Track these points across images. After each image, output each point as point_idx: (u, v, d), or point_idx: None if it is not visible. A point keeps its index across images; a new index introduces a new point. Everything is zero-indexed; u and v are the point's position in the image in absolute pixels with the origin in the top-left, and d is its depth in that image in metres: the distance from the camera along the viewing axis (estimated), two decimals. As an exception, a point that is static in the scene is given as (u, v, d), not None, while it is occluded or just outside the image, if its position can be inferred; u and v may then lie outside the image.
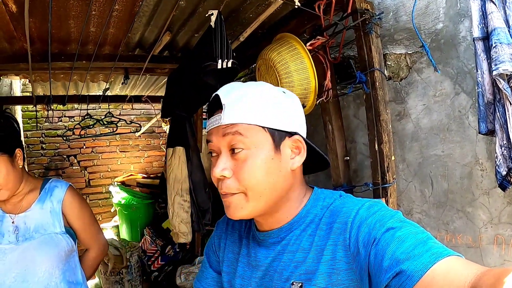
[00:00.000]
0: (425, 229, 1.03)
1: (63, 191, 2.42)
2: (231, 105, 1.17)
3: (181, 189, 3.67)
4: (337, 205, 1.22)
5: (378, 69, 2.41)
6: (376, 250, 1.00)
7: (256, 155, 1.16)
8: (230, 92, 1.20)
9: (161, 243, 5.69)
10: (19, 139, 2.38)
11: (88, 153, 7.24)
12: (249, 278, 1.34)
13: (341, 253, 1.11)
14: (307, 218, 1.24)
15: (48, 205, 2.35)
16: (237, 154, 1.16)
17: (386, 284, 0.94)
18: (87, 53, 3.60)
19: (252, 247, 1.38)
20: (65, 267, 2.35)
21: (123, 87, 5.36)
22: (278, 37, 2.74)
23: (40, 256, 2.24)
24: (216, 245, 1.57)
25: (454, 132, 2.67)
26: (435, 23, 2.69)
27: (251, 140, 1.16)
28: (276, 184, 1.19)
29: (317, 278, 1.13)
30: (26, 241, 2.25)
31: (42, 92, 5.30)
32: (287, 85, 2.51)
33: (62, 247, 2.31)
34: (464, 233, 2.67)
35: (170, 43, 3.55)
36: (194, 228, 3.78)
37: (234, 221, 1.53)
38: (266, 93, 1.22)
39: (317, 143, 3.63)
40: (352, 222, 1.11)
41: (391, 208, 1.14)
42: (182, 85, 3.41)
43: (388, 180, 2.40)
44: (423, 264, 0.89)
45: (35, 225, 2.30)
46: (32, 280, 2.23)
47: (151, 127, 7.43)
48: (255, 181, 1.16)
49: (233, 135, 1.16)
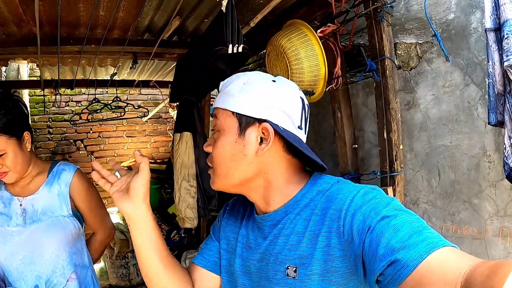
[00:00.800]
0: (421, 218, 1.03)
1: (71, 174, 2.42)
2: (221, 91, 1.31)
3: (188, 174, 3.68)
4: (333, 191, 1.22)
5: (389, 58, 2.40)
6: (370, 238, 1.00)
7: (223, 137, 1.26)
8: (227, 80, 1.32)
9: (166, 228, 5.71)
10: (27, 122, 2.38)
11: (94, 138, 7.26)
12: (248, 260, 1.36)
13: (335, 240, 1.11)
14: (302, 202, 1.26)
15: (56, 188, 2.36)
16: (214, 134, 1.30)
17: (381, 272, 0.95)
18: (95, 37, 3.59)
19: (251, 229, 1.40)
20: (72, 250, 2.36)
21: (131, 72, 5.35)
22: (289, 23, 2.73)
23: (47, 238, 2.25)
24: (220, 221, 1.59)
25: (462, 123, 2.66)
26: (446, 13, 2.68)
27: (221, 123, 1.27)
28: (239, 166, 1.25)
29: (312, 264, 1.14)
30: (34, 224, 2.26)
31: (49, 76, 5.30)
32: (297, 71, 2.51)
33: (69, 230, 2.32)
34: (469, 225, 2.67)
35: (179, 28, 3.53)
36: (200, 214, 3.79)
37: (239, 203, 1.56)
38: (247, 81, 1.26)
39: (325, 131, 3.67)
40: (346, 210, 1.11)
41: (397, 197, 1.15)
42: (191, 70, 3.39)
43: (396, 169, 2.40)
44: (419, 254, 0.89)
45: (42, 207, 2.31)
46: (39, 262, 2.24)
47: (158, 112, 7.43)
48: (220, 160, 1.28)
49: (215, 119, 1.29)
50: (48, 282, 2.26)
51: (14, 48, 3.56)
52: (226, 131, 1.25)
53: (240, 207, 1.54)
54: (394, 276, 0.91)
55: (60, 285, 2.29)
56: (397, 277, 0.90)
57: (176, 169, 3.73)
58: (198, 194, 3.74)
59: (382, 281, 0.96)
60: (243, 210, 1.52)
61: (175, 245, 5.48)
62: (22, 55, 3.83)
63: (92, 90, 5.41)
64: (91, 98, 5.73)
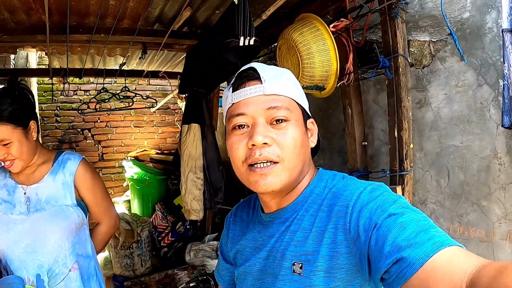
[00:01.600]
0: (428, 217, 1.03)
1: (76, 164, 2.42)
2: (271, 79, 1.23)
3: (195, 166, 3.67)
4: (340, 187, 1.23)
5: (402, 55, 2.38)
6: (377, 236, 1.00)
7: (296, 127, 1.22)
8: (266, 69, 1.27)
9: (172, 219, 5.72)
10: (33, 111, 2.39)
11: (102, 127, 7.26)
12: (254, 260, 1.37)
13: (341, 237, 1.12)
14: (309, 198, 1.27)
15: (60, 177, 2.36)
16: (280, 124, 1.20)
17: (386, 270, 0.94)
18: (105, 27, 3.58)
19: (257, 231, 1.41)
20: (75, 239, 2.37)
21: (140, 63, 5.34)
22: (301, 17, 2.71)
23: (50, 227, 2.27)
24: (226, 236, 1.61)
25: (474, 124, 2.63)
26: (461, 12, 2.64)
27: (293, 113, 1.23)
28: (304, 157, 1.25)
29: (318, 260, 1.14)
30: (37, 212, 2.27)
31: (58, 65, 5.29)
32: (308, 66, 2.49)
33: (72, 220, 2.33)
34: (477, 227, 2.65)
35: (189, 19, 3.52)
36: (206, 206, 3.79)
37: (241, 211, 1.57)
38: (293, 77, 1.31)
39: (334, 127, 3.64)
40: (353, 206, 1.12)
41: (405, 196, 1.14)
42: (201, 61, 3.39)
43: (406, 168, 2.38)
44: (425, 253, 0.88)
45: (46, 196, 2.31)
46: (41, 251, 2.25)
47: (166, 103, 7.44)
48: (296, 151, 1.21)
49: (278, 109, 1.19)
50: (50, 272, 2.27)
51: (23, 36, 3.55)
52: (298, 121, 1.23)
53: (242, 214, 1.56)
54: (400, 274, 0.90)
55: (62, 274, 2.30)
56: (403, 276, 0.90)
57: (183, 160, 3.72)
58: (204, 186, 3.74)
59: (387, 279, 0.95)
60: (246, 216, 1.53)
61: (180, 236, 5.50)
62: (31, 43, 3.82)
63: (101, 80, 5.40)
64: (99, 87, 5.73)
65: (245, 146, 1.20)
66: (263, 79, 1.21)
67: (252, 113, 1.21)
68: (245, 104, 1.22)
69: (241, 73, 1.27)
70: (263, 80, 1.21)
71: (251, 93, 1.21)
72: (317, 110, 3.87)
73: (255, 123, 1.20)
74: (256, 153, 1.18)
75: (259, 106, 1.20)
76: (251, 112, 1.21)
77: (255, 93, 1.21)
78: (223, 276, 1.64)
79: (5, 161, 2.22)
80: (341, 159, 3.54)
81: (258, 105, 1.20)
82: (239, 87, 1.25)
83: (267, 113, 1.19)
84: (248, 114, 1.21)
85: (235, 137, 1.24)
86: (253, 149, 1.18)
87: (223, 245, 1.63)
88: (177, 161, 4.22)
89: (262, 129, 1.18)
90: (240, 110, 1.23)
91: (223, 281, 1.64)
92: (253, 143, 1.17)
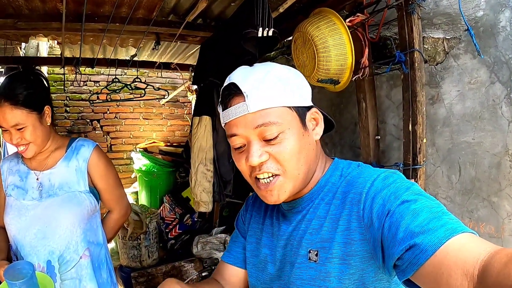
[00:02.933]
0: (440, 203, 1.04)
1: (90, 150, 2.43)
2: (253, 91, 1.17)
3: (205, 158, 3.69)
4: (354, 175, 1.24)
5: (418, 50, 2.39)
6: (390, 222, 1.01)
7: (290, 135, 1.19)
8: (246, 78, 1.20)
9: (180, 211, 5.72)
10: (48, 96, 2.40)
11: (111, 119, 7.29)
12: (274, 248, 1.38)
13: (355, 224, 1.13)
14: (325, 187, 1.28)
15: (74, 163, 2.37)
16: (273, 140, 1.18)
17: (399, 256, 0.95)
18: (120, 16, 3.59)
19: (276, 218, 1.42)
20: (87, 226, 2.38)
21: (151, 54, 5.36)
22: (317, 11, 2.71)
23: (62, 213, 2.27)
24: (243, 216, 1.62)
25: (486, 121, 2.64)
26: (475, 10, 2.65)
27: (283, 122, 1.18)
28: (307, 158, 1.23)
29: (333, 247, 1.16)
30: (50, 198, 2.28)
31: (70, 55, 5.30)
32: (324, 59, 2.50)
33: (85, 206, 2.34)
34: (487, 223, 2.65)
35: (205, 11, 3.52)
36: (215, 199, 3.80)
37: None
38: (280, 74, 1.23)
39: (346, 121, 3.66)
40: (366, 193, 1.13)
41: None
42: (218, 52, 3.40)
43: (419, 162, 2.40)
44: (438, 239, 0.90)
45: (59, 182, 2.32)
46: (52, 237, 2.26)
47: (176, 96, 7.45)
48: (294, 159, 1.19)
49: (266, 126, 1.16)
50: (61, 258, 2.28)
51: (38, 23, 3.56)
52: (292, 128, 1.19)
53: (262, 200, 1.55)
54: (413, 260, 0.92)
55: (73, 261, 2.30)
56: (416, 262, 0.91)
57: (194, 152, 3.74)
58: (214, 178, 3.75)
59: (400, 265, 0.97)
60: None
61: (187, 228, 5.51)
62: (44, 30, 3.83)
63: (111, 71, 5.42)
64: (110, 79, 5.75)
65: (246, 163, 1.22)
66: (245, 94, 1.17)
67: (242, 133, 1.20)
68: (234, 125, 1.21)
69: (224, 91, 1.25)
70: (246, 96, 1.17)
71: (236, 113, 1.19)
72: (329, 105, 3.88)
73: (249, 142, 1.20)
74: (256, 169, 1.20)
75: (248, 126, 1.18)
76: (242, 132, 1.20)
77: (240, 112, 1.18)
78: (233, 251, 1.61)
79: (19, 146, 2.23)
80: (352, 153, 3.55)
81: (246, 124, 1.18)
82: (226, 106, 1.23)
83: (257, 131, 1.17)
84: (240, 135, 1.20)
85: (237, 155, 1.27)
86: (253, 167, 1.21)
87: (240, 224, 1.64)
88: (186, 153, 4.24)
89: (255, 149, 1.18)
90: (232, 131, 1.22)
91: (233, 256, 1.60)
92: (249, 164, 1.19)
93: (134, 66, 5.41)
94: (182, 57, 5.49)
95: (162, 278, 4.34)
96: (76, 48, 4.65)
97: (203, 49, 4.02)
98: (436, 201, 1.04)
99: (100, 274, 2.43)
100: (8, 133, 2.21)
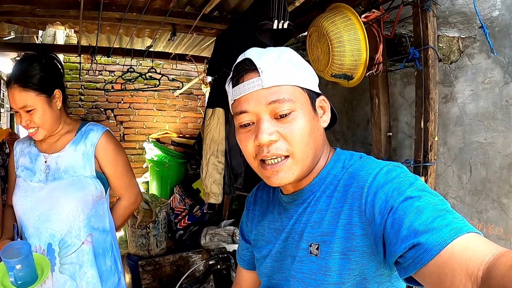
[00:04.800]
0: (445, 200, 1.02)
1: (98, 135, 2.43)
2: (268, 67, 1.17)
3: (217, 150, 3.70)
4: (356, 167, 1.21)
5: (432, 47, 2.39)
6: (393, 219, 0.99)
7: (302, 115, 1.17)
8: (261, 55, 1.20)
9: (190, 202, 5.75)
10: (59, 80, 2.42)
11: (125, 108, 7.33)
12: (275, 242, 1.38)
13: (357, 218, 1.11)
14: (327, 179, 1.26)
15: (81, 147, 2.38)
16: (285, 117, 1.16)
17: (401, 254, 0.94)
18: (137, 6, 3.62)
19: (277, 212, 1.41)
20: (91, 212, 2.37)
21: (167, 45, 5.37)
22: (333, 6, 2.72)
23: (65, 197, 2.27)
24: (246, 217, 1.62)
25: (499, 121, 2.63)
26: (491, 10, 2.64)
27: (296, 101, 1.17)
28: (316, 142, 1.22)
29: (334, 241, 1.14)
30: (54, 181, 2.30)
31: (86, 43, 5.35)
32: (338, 54, 2.50)
33: (89, 191, 2.33)
34: (496, 224, 2.65)
35: (221, 3, 3.53)
36: (225, 191, 3.81)
37: (262, 191, 1.57)
38: (294, 56, 1.24)
39: (359, 117, 3.66)
40: (369, 188, 1.11)
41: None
42: (233, 43, 3.40)
43: (430, 159, 2.40)
44: (443, 239, 0.88)
45: (65, 166, 2.33)
46: (54, 220, 2.26)
47: (190, 88, 7.47)
48: (305, 141, 1.17)
49: (279, 103, 1.15)
50: (61, 242, 2.28)
51: (55, 10, 3.59)
52: (304, 109, 1.18)
53: (262, 195, 1.56)
54: (416, 259, 0.90)
55: (74, 246, 2.29)
56: (419, 261, 0.90)
57: (206, 144, 3.75)
58: (225, 171, 3.76)
59: (402, 263, 0.95)
60: (266, 196, 1.54)
61: (196, 220, 5.54)
62: (62, 18, 3.86)
63: (127, 61, 5.45)
64: (125, 69, 5.78)
65: (253, 143, 1.19)
66: (260, 70, 1.16)
67: (254, 109, 1.18)
68: (245, 100, 1.19)
69: (237, 66, 1.23)
70: (260, 72, 1.16)
71: (249, 88, 1.18)
72: (342, 101, 3.88)
73: (259, 119, 1.17)
74: (264, 150, 1.17)
75: (260, 101, 1.16)
76: (253, 108, 1.18)
77: (254, 87, 1.17)
78: (243, 256, 1.65)
79: (28, 128, 2.27)
80: (364, 150, 3.55)
81: (259, 100, 1.17)
82: (238, 81, 1.21)
83: (270, 108, 1.16)
84: (251, 111, 1.18)
85: (243, 134, 1.23)
86: (261, 147, 1.17)
87: (243, 225, 1.64)
88: (198, 144, 4.25)
89: (266, 126, 1.15)
90: (242, 107, 1.20)
91: (243, 260, 1.65)
92: (259, 142, 1.16)
93: (149, 57, 5.43)
94: (197, 49, 5.50)
95: (169, 268, 4.37)
96: (92, 37, 4.68)
97: (218, 40, 4.03)
98: (440, 197, 1.02)
99: (104, 261, 2.41)
100: (18, 115, 2.25)
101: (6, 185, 2.67)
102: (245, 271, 1.65)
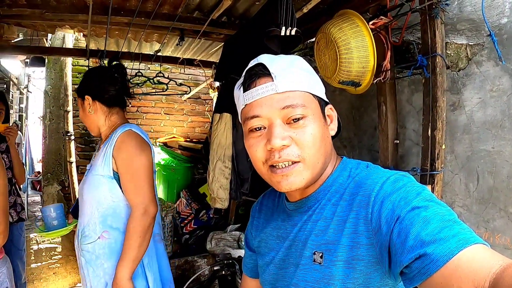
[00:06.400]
0: (452, 210, 1.01)
1: (118, 134, 2.48)
2: (282, 73, 1.18)
3: (224, 155, 3.70)
4: (363, 176, 1.21)
5: (440, 55, 2.38)
6: (399, 229, 0.98)
7: (314, 122, 1.18)
8: (274, 61, 1.21)
9: (196, 206, 5.75)
10: (89, 87, 2.64)
11: (133, 112, 7.32)
12: (278, 250, 1.37)
13: (362, 227, 1.10)
14: (332, 188, 1.25)
15: (106, 147, 2.48)
16: (297, 122, 1.16)
17: (407, 264, 0.93)
18: (145, 11, 3.64)
19: (281, 219, 1.41)
20: (107, 211, 2.43)
21: (175, 50, 5.39)
22: (340, 13, 2.72)
23: (85, 194, 2.47)
24: (251, 224, 1.62)
25: (507, 130, 2.61)
26: (499, 17, 2.63)
27: (308, 108, 1.18)
28: (326, 149, 1.22)
29: (338, 250, 1.13)
30: (86, 177, 2.53)
31: (95, 47, 5.36)
32: (346, 61, 2.50)
33: (101, 191, 2.42)
34: (503, 234, 2.63)
35: (229, 8, 3.55)
36: (232, 196, 3.81)
37: (267, 199, 1.57)
38: (305, 64, 1.26)
39: (366, 124, 3.65)
40: (375, 197, 1.10)
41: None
42: (240, 49, 3.41)
43: (437, 168, 2.39)
44: (449, 250, 0.87)
45: (93, 164, 2.52)
46: (81, 212, 2.52)
47: (198, 93, 7.46)
48: (316, 147, 1.17)
49: (293, 108, 1.15)
50: (83, 231, 2.47)
51: (64, 14, 3.63)
52: (315, 115, 1.19)
53: (268, 202, 1.57)
54: (422, 270, 0.90)
55: (91, 238, 2.44)
56: (425, 272, 0.89)
57: (213, 149, 3.75)
58: (232, 176, 3.76)
59: (407, 273, 0.95)
60: (271, 203, 1.54)
61: (202, 224, 5.53)
62: (71, 22, 3.90)
63: (135, 65, 5.46)
64: (133, 73, 5.79)
65: (264, 147, 1.18)
66: (273, 75, 1.17)
67: (267, 114, 1.17)
68: (258, 105, 1.18)
69: (250, 71, 1.23)
70: (274, 77, 1.16)
71: (263, 93, 1.17)
72: (349, 108, 3.87)
73: (271, 124, 1.17)
74: (276, 155, 1.16)
75: (274, 106, 1.16)
76: (266, 113, 1.17)
77: (267, 92, 1.17)
78: (247, 264, 1.66)
79: None
80: (370, 157, 3.54)
81: (272, 105, 1.16)
82: (250, 86, 1.21)
83: (283, 113, 1.15)
84: (263, 116, 1.18)
85: (253, 139, 1.22)
86: (272, 152, 1.16)
87: (248, 233, 1.64)
88: (205, 149, 4.26)
89: (279, 130, 1.15)
90: (254, 112, 1.19)
91: (247, 268, 1.67)
92: (271, 146, 1.15)
93: (157, 61, 5.44)
94: (205, 54, 5.52)
95: (174, 272, 4.36)
96: (101, 41, 4.70)
97: (226, 46, 4.04)
98: (447, 207, 1.02)
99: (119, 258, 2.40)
100: None
101: None
102: (249, 279, 1.67)
